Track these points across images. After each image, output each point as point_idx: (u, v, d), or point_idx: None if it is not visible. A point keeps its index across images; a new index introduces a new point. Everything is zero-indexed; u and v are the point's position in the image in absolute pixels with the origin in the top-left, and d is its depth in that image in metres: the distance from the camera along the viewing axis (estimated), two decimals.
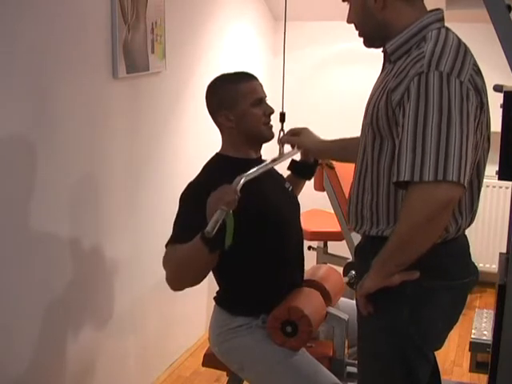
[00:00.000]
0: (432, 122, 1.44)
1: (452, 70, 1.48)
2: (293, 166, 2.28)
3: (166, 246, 1.95)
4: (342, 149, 2.08)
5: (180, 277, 1.94)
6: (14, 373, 2.14)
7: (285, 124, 2.25)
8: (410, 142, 1.46)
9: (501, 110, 1.68)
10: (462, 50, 1.55)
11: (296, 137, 2.12)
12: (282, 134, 2.17)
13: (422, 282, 1.59)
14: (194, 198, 1.93)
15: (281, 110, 2.18)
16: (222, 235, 1.76)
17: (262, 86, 2.06)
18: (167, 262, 1.94)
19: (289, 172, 2.31)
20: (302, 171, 2.29)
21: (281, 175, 2.23)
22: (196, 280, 1.94)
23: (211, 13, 3.30)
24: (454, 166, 1.43)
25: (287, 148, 2.16)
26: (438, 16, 1.62)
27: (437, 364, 1.87)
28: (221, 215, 1.72)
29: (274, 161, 2.06)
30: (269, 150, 2.17)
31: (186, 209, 1.95)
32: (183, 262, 1.89)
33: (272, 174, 2.17)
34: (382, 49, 1.69)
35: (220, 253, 1.85)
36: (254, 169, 1.91)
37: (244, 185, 1.80)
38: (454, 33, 1.62)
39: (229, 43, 3.51)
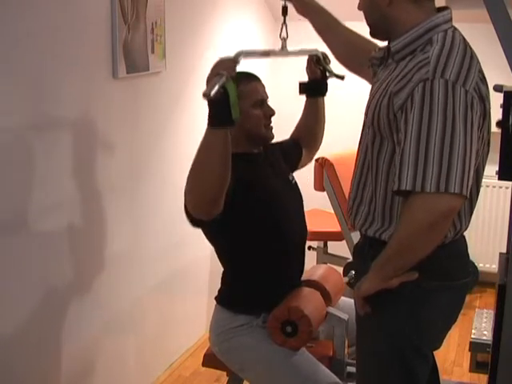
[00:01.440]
0: (436, 131, 1.43)
1: (457, 78, 1.47)
2: (303, 88, 2.22)
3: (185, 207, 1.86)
4: (326, 23, 2.04)
5: (201, 187, 1.75)
6: (13, 373, 2.14)
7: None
8: (413, 150, 1.45)
9: (501, 110, 1.68)
10: (468, 56, 1.54)
11: None
12: (284, 27, 2.06)
13: (420, 282, 1.59)
14: None
15: (283, 4, 2.12)
16: (225, 106, 1.65)
17: (264, 86, 2.06)
18: (185, 188, 1.80)
19: (302, 106, 2.25)
20: (314, 89, 2.23)
21: (286, 167, 2.21)
22: (218, 183, 1.74)
23: (211, 13, 3.30)
24: (457, 177, 1.42)
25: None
26: (446, 17, 1.60)
27: (435, 362, 1.87)
28: (219, 79, 1.63)
29: (276, 53, 2.00)
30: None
31: None
32: (198, 164, 1.75)
33: (277, 165, 2.17)
34: (383, 41, 1.69)
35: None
36: (255, 49, 1.87)
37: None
38: (460, 35, 1.60)
39: (229, 43, 3.51)
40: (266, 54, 1.91)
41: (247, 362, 2.05)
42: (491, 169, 1.74)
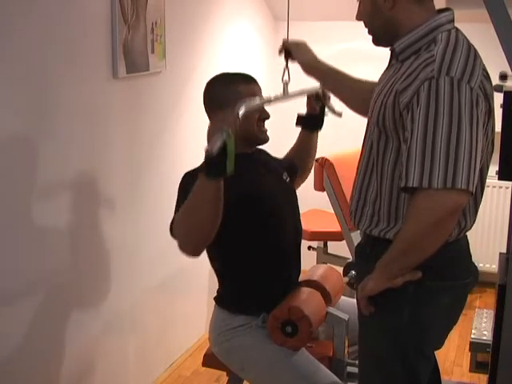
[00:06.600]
0: (442, 128, 1.44)
1: (463, 75, 1.47)
2: (300, 120, 2.24)
3: (171, 228, 1.90)
4: (336, 80, 2.02)
5: (191, 230, 1.83)
6: (13, 373, 2.14)
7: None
8: (420, 147, 1.45)
9: (501, 110, 1.68)
10: (472, 55, 1.54)
11: (295, 46, 2.06)
12: (286, 71, 2.08)
13: (423, 282, 1.59)
14: (190, 184, 1.92)
15: (285, 39, 2.10)
16: (223, 160, 1.69)
17: (260, 89, 2.06)
18: (175, 226, 1.87)
19: (297, 132, 2.27)
20: (310, 123, 2.25)
21: (279, 166, 2.21)
22: (207, 228, 1.82)
23: (211, 13, 3.30)
24: (464, 173, 1.43)
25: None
26: (449, 17, 1.61)
27: (437, 362, 1.88)
28: (222, 135, 1.67)
29: (277, 98, 2.00)
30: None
31: (183, 194, 1.94)
32: (190, 209, 1.81)
33: (270, 165, 2.16)
34: (388, 47, 1.68)
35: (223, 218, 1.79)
36: (257, 99, 1.87)
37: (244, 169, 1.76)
38: (463, 34, 1.61)
39: (229, 43, 3.51)
40: (268, 101, 1.93)
41: (247, 362, 2.05)
42: (491, 169, 1.73)
